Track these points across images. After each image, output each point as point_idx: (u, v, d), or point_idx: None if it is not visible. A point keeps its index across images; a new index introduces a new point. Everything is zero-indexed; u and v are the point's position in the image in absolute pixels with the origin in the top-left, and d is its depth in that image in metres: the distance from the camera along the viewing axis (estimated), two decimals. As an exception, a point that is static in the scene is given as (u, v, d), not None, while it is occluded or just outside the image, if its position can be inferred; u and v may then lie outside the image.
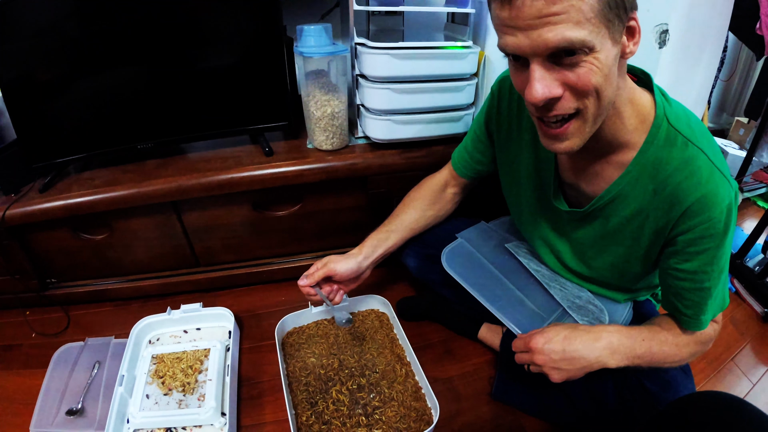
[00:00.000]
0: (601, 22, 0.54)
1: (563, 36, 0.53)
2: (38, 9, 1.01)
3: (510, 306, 0.92)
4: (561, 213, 0.85)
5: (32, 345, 1.21)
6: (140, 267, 1.32)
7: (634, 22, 0.58)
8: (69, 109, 1.14)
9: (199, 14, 1.12)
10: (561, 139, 0.65)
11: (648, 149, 0.69)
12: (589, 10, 0.53)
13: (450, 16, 1.36)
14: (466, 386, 1.07)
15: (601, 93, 0.59)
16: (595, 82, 0.57)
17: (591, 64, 0.56)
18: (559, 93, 0.59)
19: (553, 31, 0.53)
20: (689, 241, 0.69)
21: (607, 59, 0.57)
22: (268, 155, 1.22)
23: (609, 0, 0.53)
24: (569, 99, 0.60)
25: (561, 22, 0.53)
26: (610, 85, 0.59)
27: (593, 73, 0.57)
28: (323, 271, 0.97)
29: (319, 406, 0.96)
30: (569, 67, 0.57)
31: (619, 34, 0.57)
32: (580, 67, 0.56)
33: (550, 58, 0.57)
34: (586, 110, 0.61)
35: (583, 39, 0.53)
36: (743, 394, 1.08)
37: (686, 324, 0.77)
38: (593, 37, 0.54)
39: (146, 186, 1.13)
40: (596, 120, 0.63)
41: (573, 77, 0.57)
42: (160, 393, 1.00)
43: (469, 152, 1.01)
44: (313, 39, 1.10)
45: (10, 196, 1.15)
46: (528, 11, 0.53)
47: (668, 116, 0.68)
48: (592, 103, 0.60)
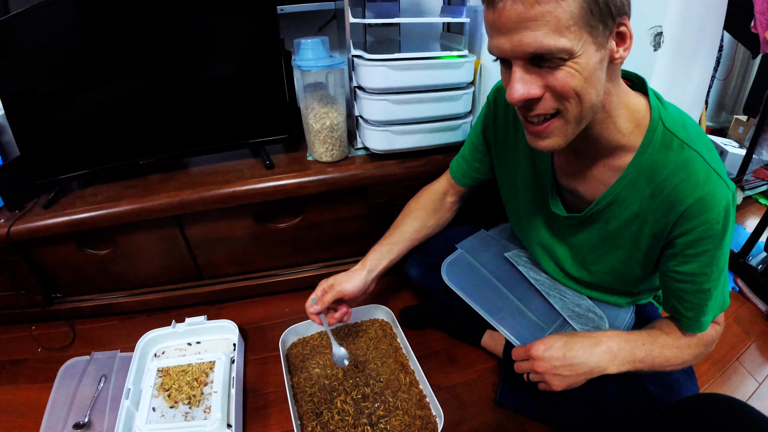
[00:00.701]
0: (582, 28, 0.55)
1: (539, 42, 0.55)
2: (40, 25, 1.03)
3: (510, 317, 0.92)
4: (559, 218, 0.85)
5: (38, 359, 1.22)
6: (144, 281, 1.33)
7: (624, 27, 0.59)
8: (71, 125, 1.15)
9: (199, 29, 1.14)
10: (542, 136, 0.66)
11: (644, 152, 0.70)
12: (569, 17, 0.54)
13: (446, 26, 1.37)
14: (470, 393, 1.07)
15: (582, 96, 0.60)
16: (574, 85, 0.59)
17: (571, 68, 0.57)
18: (537, 94, 0.61)
19: (530, 36, 0.55)
20: (688, 243, 0.69)
21: (588, 64, 0.58)
22: (269, 168, 1.23)
23: (591, 7, 0.54)
24: (549, 100, 0.62)
25: (538, 27, 0.55)
26: (592, 89, 0.60)
27: (573, 77, 0.58)
28: (332, 295, 0.95)
29: (324, 417, 0.97)
30: (549, 70, 0.59)
31: (605, 39, 0.58)
32: (560, 70, 0.58)
33: (531, 60, 0.59)
34: (566, 112, 0.62)
35: (559, 45, 0.55)
36: (749, 393, 1.08)
37: (687, 326, 0.77)
38: (572, 43, 0.55)
39: (149, 201, 1.14)
40: (579, 121, 0.64)
41: (552, 80, 0.59)
42: (166, 406, 1.01)
43: (467, 161, 1.02)
44: (310, 52, 1.12)
45: (15, 212, 1.16)
46: (508, 15, 0.55)
47: (664, 119, 0.69)
48: (572, 106, 0.62)
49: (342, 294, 0.96)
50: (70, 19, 1.05)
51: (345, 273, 0.99)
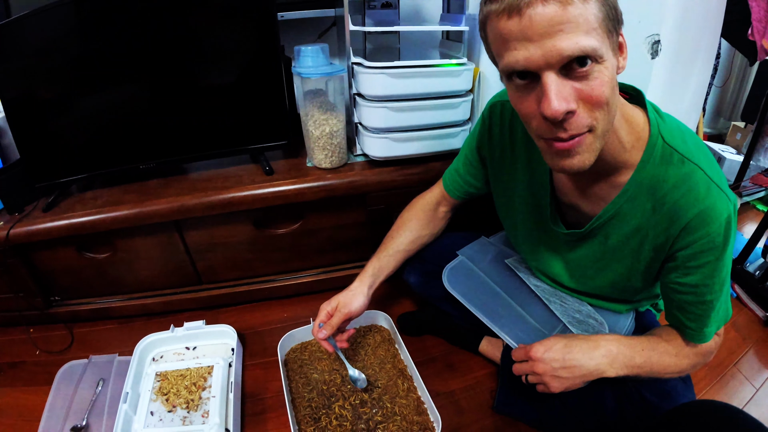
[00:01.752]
0: (604, 31, 0.55)
1: (578, 43, 0.53)
2: (41, 29, 1.04)
3: (511, 323, 0.92)
4: (559, 235, 0.85)
5: (36, 362, 1.22)
6: (143, 285, 1.33)
7: (622, 38, 0.59)
8: (72, 129, 1.15)
9: (199, 36, 1.14)
10: (571, 154, 0.61)
11: (644, 167, 0.70)
12: (595, 19, 0.53)
13: (445, 34, 1.38)
14: (468, 399, 1.07)
15: (610, 105, 0.58)
16: (607, 93, 0.57)
17: (602, 74, 0.56)
18: (574, 107, 0.57)
19: (567, 39, 0.52)
20: (689, 256, 0.70)
21: (612, 70, 0.57)
22: (268, 174, 1.23)
23: (608, 12, 0.54)
24: (583, 114, 0.58)
25: (573, 30, 0.52)
26: (616, 98, 0.60)
27: (604, 84, 0.56)
28: (339, 318, 0.95)
29: (322, 422, 0.97)
30: (581, 80, 0.56)
31: (617, 46, 0.58)
32: (593, 78, 0.55)
33: (561, 70, 0.55)
34: (598, 125, 0.59)
35: (594, 47, 0.53)
36: (746, 399, 1.08)
37: (690, 337, 0.77)
38: (601, 45, 0.54)
39: (148, 205, 1.15)
40: (605, 135, 0.62)
41: (587, 89, 0.56)
42: (164, 410, 1.01)
43: (461, 176, 1.02)
44: (310, 59, 1.12)
45: (14, 215, 1.17)
46: (540, 20, 0.52)
47: (663, 133, 0.69)
48: (602, 117, 0.59)
49: (349, 315, 0.96)
50: (71, 23, 1.05)
51: (346, 293, 0.98)
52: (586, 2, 0.53)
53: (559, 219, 0.85)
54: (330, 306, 0.97)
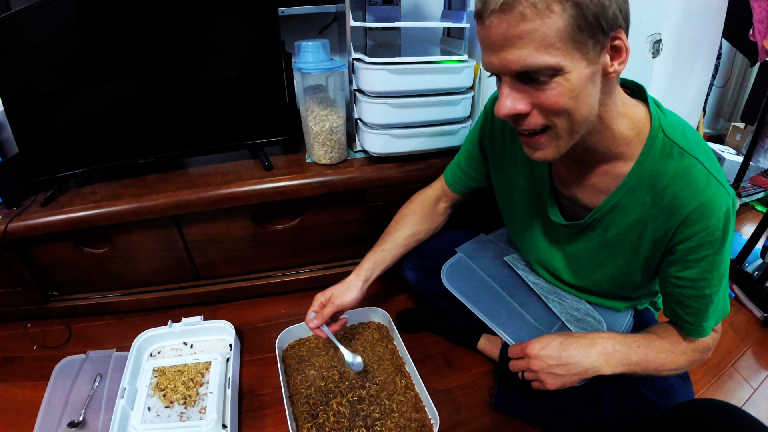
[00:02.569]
0: (569, 44, 0.55)
1: (523, 60, 0.56)
2: (39, 24, 1.03)
3: (509, 321, 0.92)
4: (558, 227, 0.85)
5: (34, 357, 1.22)
6: (141, 280, 1.33)
7: (619, 41, 0.58)
8: (71, 123, 1.15)
9: (200, 30, 1.14)
10: (534, 148, 0.67)
11: (645, 160, 0.70)
12: (554, 34, 0.54)
13: (446, 31, 1.38)
14: (466, 397, 1.07)
15: (571, 113, 0.60)
16: (563, 103, 0.59)
17: (560, 86, 0.58)
18: (524, 110, 0.61)
19: (515, 54, 0.56)
20: (688, 249, 0.70)
21: (578, 80, 0.58)
22: (267, 169, 1.23)
23: (578, 23, 0.54)
24: (537, 116, 0.62)
25: (524, 45, 0.55)
26: (583, 105, 0.60)
27: (562, 94, 0.58)
28: (331, 309, 0.97)
29: (319, 419, 0.97)
30: (537, 87, 0.59)
31: (597, 54, 0.58)
32: (549, 87, 0.58)
33: (518, 77, 0.59)
34: (556, 127, 0.63)
35: (545, 63, 0.55)
36: (744, 400, 1.08)
37: (688, 331, 0.77)
38: (559, 60, 0.55)
39: (147, 200, 1.14)
40: (571, 135, 0.64)
41: (541, 97, 0.59)
42: (162, 406, 1.01)
43: (463, 170, 1.02)
44: (311, 55, 1.12)
45: (12, 210, 1.16)
46: (495, 32, 0.56)
47: (663, 127, 0.69)
48: (562, 121, 0.62)
49: (341, 307, 0.98)
50: (71, 17, 1.05)
51: (341, 285, 1.00)
52: (546, 17, 0.53)
53: (559, 211, 0.85)
54: (324, 297, 0.98)
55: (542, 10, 0.53)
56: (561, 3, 0.53)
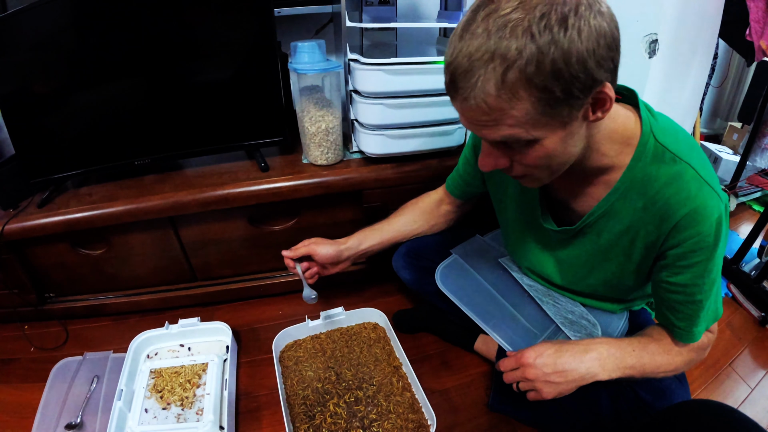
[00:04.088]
0: (541, 119, 0.56)
1: (497, 136, 0.58)
2: (37, 24, 1.03)
3: (503, 323, 0.92)
4: (550, 233, 0.85)
5: (31, 359, 1.22)
6: (138, 282, 1.33)
7: (603, 94, 0.56)
8: (67, 125, 1.15)
9: (196, 31, 1.14)
10: (521, 182, 0.72)
11: (636, 166, 0.70)
12: (524, 114, 0.55)
13: (442, 31, 1.38)
14: (463, 397, 1.07)
15: (550, 165, 0.64)
16: (539, 162, 0.62)
17: (535, 151, 0.60)
18: (505, 165, 0.66)
19: (487, 131, 0.59)
20: (680, 255, 0.69)
21: (554, 143, 0.60)
22: (264, 170, 1.23)
23: (549, 101, 0.54)
24: (518, 168, 0.66)
25: (493, 127, 0.57)
26: (561, 156, 0.63)
27: (538, 156, 0.61)
28: (304, 250, 1.01)
29: (316, 420, 0.97)
30: (514, 150, 0.62)
31: (576, 114, 0.57)
32: (525, 151, 0.61)
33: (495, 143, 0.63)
34: (535, 174, 0.67)
35: (517, 137, 0.58)
36: (741, 399, 1.08)
37: (679, 336, 0.77)
38: (532, 133, 0.57)
39: (143, 201, 1.14)
40: (553, 174, 0.68)
41: (518, 157, 0.63)
42: (159, 407, 1.01)
43: (461, 175, 1.03)
44: (307, 55, 1.12)
45: (9, 211, 1.16)
46: (467, 114, 0.59)
47: (655, 132, 0.69)
48: (542, 171, 0.66)
49: (313, 252, 1.01)
50: (67, 18, 1.04)
51: (326, 240, 1.04)
52: (513, 103, 0.54)
53: (550, 217, 0.85)
54: (308, 241, 1.04)
55: (507, 99, 0.54)
56: (526, 88, 0.53)
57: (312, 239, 1.03)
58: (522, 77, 0.52)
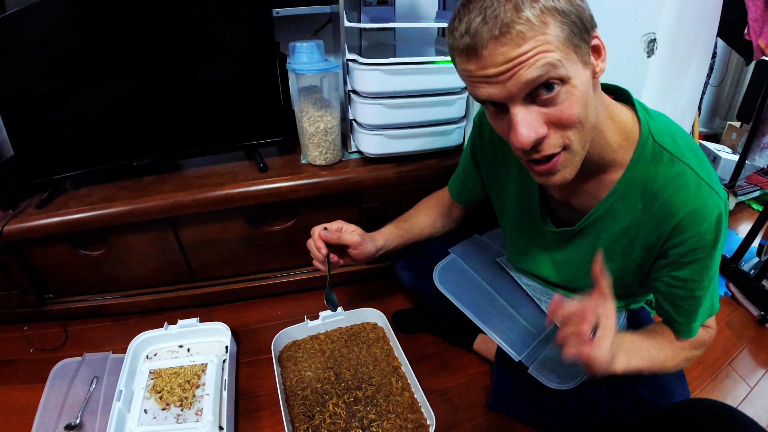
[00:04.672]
0: (569, 50, 0.55)
1: (536, 70, 0.53)
2: (36, 25, 1.03)
3: (501, 323, 0.92)
4: (549, 235, 0.85)
5: (30, 360, 1.21)
6: (137, 282, 1.32)
7: (597, 40, 0.59)
8: (66, 125, 1.15)
9: (195, 31, 1.14)
10: (552, 173, 0.64)
11: (635, 167, 0.70)
12: (555, 39, 0.54)
13: (441, 31, 1.38)
14: (463, 397, 1.07)
15: (583, 122, 0.59)
16: (577, 113, 0.58)
17: (570, 95, 0.56)
18: (544, 132, 0.58)
19: (523, 74, 0.54)
20: (681, 253, 0.70)
21: (584, 85, 0.57)
22: (262, 171, 1.23)
23: (572, 27, 0.54)
24: (554, 136, 0.60)
25: (531, 58, 0.53)
26: (590, 111, 0.60)
27: (573, 104, 0.57)
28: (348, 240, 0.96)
29: (316, 420, 0.97)
30: (548, 104, 0.57)
31: (588, 56, 0.58)
32: (560, 101, 0.57)
33: (526, 98, 0.57)
34: (572, 143, 0.61)
35: (556, 67, 0.54)
36: (741, 398, 1.08)
37: (677, 331, 0.77)
38: (566, 66, 0.55)
39: (143, 202, 1.14)
40: (584, 147, 0.63)
41: (555, 113, 0.57)
42: (158, 408, 1.01)
43: (462, 180, 1.04)
44: (305, 56, 1.12)
45: (8, 212, 1.16)
46: (496, 60, 0.54)
47: (653, 132, 0.69)
48: (576, 135, 0.60)
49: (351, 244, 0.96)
50: (67, 19, 1.04)
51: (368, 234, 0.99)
52: (544, 29, 0.53)
53: (549, 219, 0.85)
54: (348, 227, 0.97)
55: (539, 25, 0.53)
56: (551, 14, 0.53)
57: (351, 227, 0.97)
58: (544, 4, 0.53)
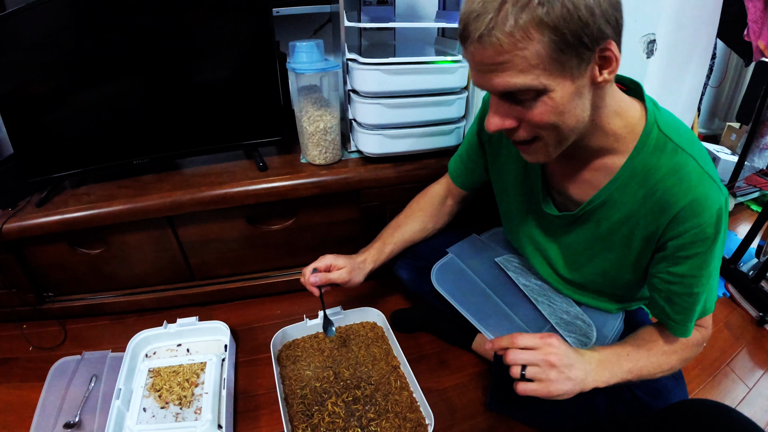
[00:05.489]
0: (552, 66, 0.56)
1: (506, 82, 0.58)
2: (35, 24, 1.03)
3: (498, 323, 0.92)
4: (551, 218, 0.86)
5: (29, 359, 1.21)
6: (136, 281, 1.32)
7: (608, 52, 0.58)
8: (66, 124, 1.15)
9: (194, 30, 1.14)
10: (526, 153, 0.71)
11: (637, 155, 0.70)
12: (535, 56, 0.55)
13: (440, 31, 1.38)
14: (461, 397, 1.07)
15: (558, 126, 0.63)
16: (547, 119, 0.61)
17: (544, 104, 0.60)
18: (512, 125, 0.65)
19: (497, 78, 0.59)
20: (679, 246, 0.69)
21: (563, 98, 0.59)
22: (262, 170, 1.23)
23: (560, 44, 0.55)
24: (524, 129, 0.65)
25: (506, 70, 0.57)
26: (569, 118, 0.62)
27: (546, 112, 0.61)
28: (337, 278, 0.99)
29: (314, 419, 0.97)
30: (523, 104, 0.62)
31: (582, 70, 0.58)
32: (533, 106, 0.61)
33: (504, 96, 0.62)
34: (543, 138, 0.66)
35: (527, 84, 0.57)
36: (739, 399, 1.08)
37: (673, 329, 0.76)
38: (542, 81, 0.57)
39: (142, 201, 1.14)
40: (560, 143, 0.67)
41: (527, 114, 0.62)
42: (157, 406, 1.01)
43: (464, 162, 1.03)
44: (305, 55, 1.12)
45: (7, 211, 1.16)
46: (477, 58, 0.59)
47: (659, 123, 0.69)
48: (549, 134, 0.65)
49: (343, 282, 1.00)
50: (66, 18, 1.05)
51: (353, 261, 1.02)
52: (525, 44, 0.55)
53: (552, 203, 0.85)
54: (335, 262, 1.01)
55: (520, 39, 0.54)
56: (539, 29, 0.54)
57: (339, 261, 1.01)
58: (534, 17, 0.53)
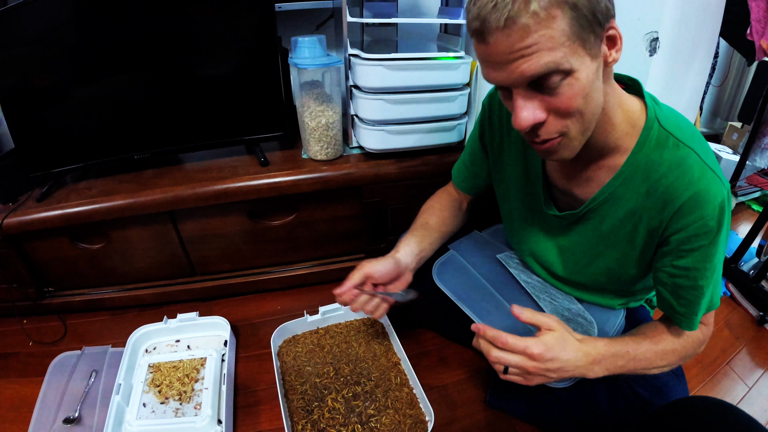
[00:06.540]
0: (575, 43, 0.55)
1: (535, 68, 0.56)
2: (37, 18, 1.03)
3: (499, 321, 0.91)
4: (552, 220, 0.85)
5: (29, 353, 1.21)
6: (137, 276, 1.32)
7: (613, 30, 0.59)
8: (67, 118, 1.15)
9: (196, 25, 1.13)
10: (550, 153, 0.67)
11: (640, 151, 0.70)
12: (561, 35, 0.54)
13: (443, 27, 1.38)
14: (461, 393, 1.07)
15: (583, 113, 0.61)
16: (576, 104, 0.59)
17: (571, 87, 0.58)
18: (542, 117, 0.61)
19: (526, 64, 0.56)
20: (683, 239, 0.69)
21: (587, 77, 0.58)
22: (263, 165, 1.23)
23: (580, 20, 0.54)
24: (553, 122, 0.62)
25: (533, 55, 0.55)
26: (593, 102, 0.61)
27: (574, 95, 0.58)
28: (360, 274, 0.90)
29: (314, 414, 0.97)
30: (550, 92, 0.59)
31: (598, 48, 0.58)
32: (561, 91, 0.58)
33: (530, 85, 0.59)
34: (569, 130, 0.63)
35: (557, 66, 0.55)
36: (739, 398, 1.08)
37: (679, 323, 0.76)
38: (569, 59, 0.56)
39: (143, 196, 1.14)
40: (584, 134, 0.65)
41: (555, 101, 0.60)
42: (157, 401, 1.01)
43: (467, 167, 1.03)
44: (307, 50, 1.12)
45: (8, 205, 1.16)
46: (501, 48, 0.56)
47: (659, 118, 0.69)
48: (575, 124, 0.62)
49: (370, 275, 0.90)
50: (68, 12, 1.04)
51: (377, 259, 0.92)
52: (550, 23, 0.54)
53: (553, 204, 0.85)
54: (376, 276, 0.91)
55: (545, 18, 0.53)
56: (560, 7, 0.53)
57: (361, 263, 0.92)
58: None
